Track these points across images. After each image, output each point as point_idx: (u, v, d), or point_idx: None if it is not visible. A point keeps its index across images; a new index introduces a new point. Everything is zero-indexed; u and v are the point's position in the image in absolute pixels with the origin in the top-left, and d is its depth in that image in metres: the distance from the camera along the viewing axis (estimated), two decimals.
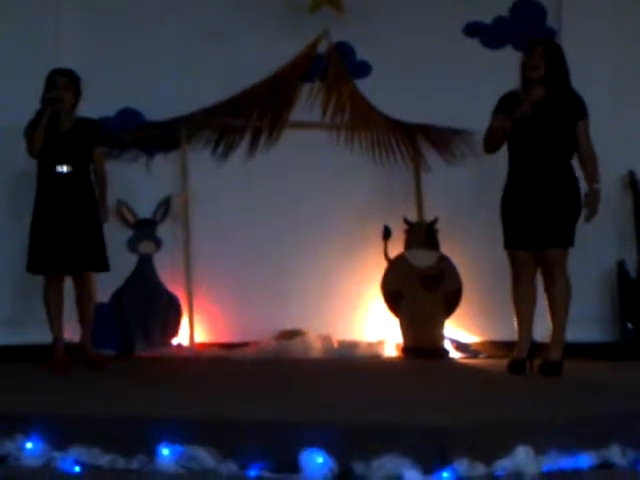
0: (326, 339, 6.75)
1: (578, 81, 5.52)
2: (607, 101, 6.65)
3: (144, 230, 6.86)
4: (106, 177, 6.03)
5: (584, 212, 5.44)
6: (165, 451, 3.48)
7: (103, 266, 5.95)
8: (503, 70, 5.85)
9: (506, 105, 5.52)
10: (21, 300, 6.60)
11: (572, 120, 5.38)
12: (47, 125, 5.74)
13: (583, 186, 5.49)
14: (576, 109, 5.40)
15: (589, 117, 5.45)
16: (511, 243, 5.51)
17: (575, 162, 5.53)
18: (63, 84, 5.83)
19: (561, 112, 5.38)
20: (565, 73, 5.45)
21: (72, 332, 6.06)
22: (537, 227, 5.37)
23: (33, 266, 5.86)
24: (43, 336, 6.03)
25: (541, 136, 5.39)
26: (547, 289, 5.45)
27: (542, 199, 5.37)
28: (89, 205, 5.90)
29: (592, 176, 5.40)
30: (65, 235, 5.78)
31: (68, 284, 5.99)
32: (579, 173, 5.52)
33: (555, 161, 5.39)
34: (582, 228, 5.56)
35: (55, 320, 5.87)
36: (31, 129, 5.78)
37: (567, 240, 5.40)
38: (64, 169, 5.82)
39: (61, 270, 5.86)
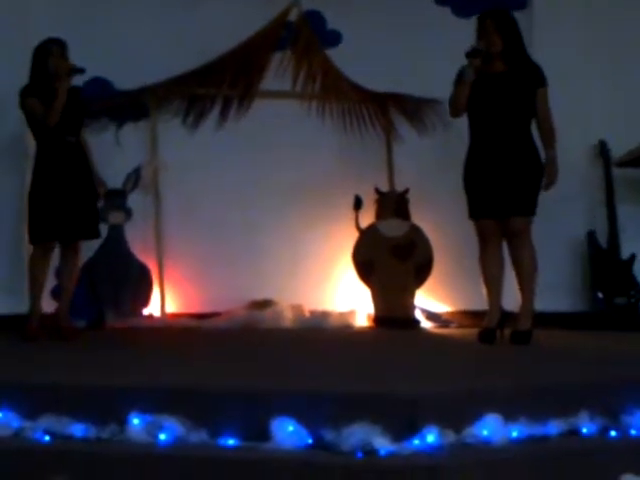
0: (297, 309, 6.77)
1: (549, 52, 5.52)
2: (577, 72, 6.67)
3: (114, 200, 6.83)
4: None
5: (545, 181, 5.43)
6: (136, 420, 3.47)
7: (97, 233, 5.98)
8: (474, 39, 5.82)
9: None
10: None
11: (532, 89, 5.38)
12: (57, 96, 5.61)
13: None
14: (536, 78, 5.40)
15: (548, 85, 5.43)
16: (475, 213, 5.50)
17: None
18: (59, 53, 5.74)
19: (522, 82, 5.38)
20: (521, 42, 5.44)
21: (45, 303, 6.02)
22: (499, 196, 5.36)
23: (40, 236, 5.73)
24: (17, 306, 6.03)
25: (502, 107, 5.38)
26: (513, 258, 5.45)
27: (503, 169, 5.36)
28: (91, 175, 5.91)
29: (549, 142, 5.39)
30: (74, 204, 5.72)
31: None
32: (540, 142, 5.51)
33: (516, 131, 5.38)
34: (553, 198, 5.56)
35: (39, 289, 5.82)
36: (36, 97, 5.65)
37: (529, 209, 5.39)
38: (72, 139, 5.78)
39: (67, 238, 5.78)
